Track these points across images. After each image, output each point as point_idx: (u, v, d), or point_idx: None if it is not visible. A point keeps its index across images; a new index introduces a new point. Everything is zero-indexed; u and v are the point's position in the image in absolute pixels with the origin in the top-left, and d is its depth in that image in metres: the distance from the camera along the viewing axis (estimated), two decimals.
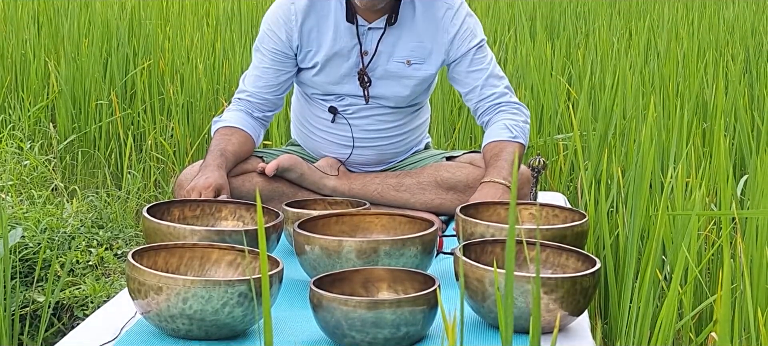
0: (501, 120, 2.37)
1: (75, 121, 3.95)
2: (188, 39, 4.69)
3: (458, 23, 2.40)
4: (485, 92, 2.40)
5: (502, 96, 2.41)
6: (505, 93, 2.42)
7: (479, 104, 2.42)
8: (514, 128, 2.35)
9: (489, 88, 2.40)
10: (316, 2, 2.39)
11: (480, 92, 2.41)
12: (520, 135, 2.35)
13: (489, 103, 2.40)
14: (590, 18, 6.47)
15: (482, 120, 2.44)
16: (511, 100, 2.42)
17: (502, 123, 2.36)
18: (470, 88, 2.42)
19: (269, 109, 2.47)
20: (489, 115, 2.41)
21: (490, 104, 2.40)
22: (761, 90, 3.81)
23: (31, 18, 5.20)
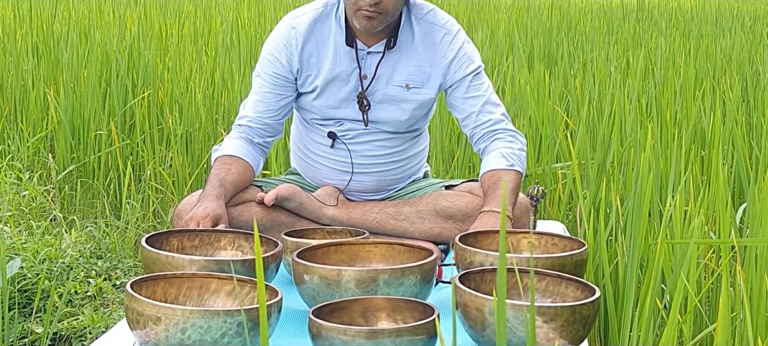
0: (497, 149, 2.37)
1: (74, 152, 3.95)
2: (187, 69, 4.71)
3: (456, 48, 2.42)
4: (481, 118, 2.41)
5: (498, 123, 2.42)
6: (502, 120, 2.43)
7: (475, 130, 2.43)
8: (510, 156, 2.35)
9: (485, 114, 2.41)
10: (316, 27, 2.41)
11: (476, 118, 2.42)
12: (516, 163, 2.36)
13: (485, 130, 2.41)
14: (587, 47, 6.50)
15: (478, 147, 2.44)
16: (507, 127, 2.42)
17: (499, 152, 2.36)
18: (467, 114, 2.43)
19: (270, 135, 2.48)
20: (485, 142, 2.42)
21: (486, 131, 2.41)
22: (758, 118, 3.82)
23: (31, 48, 5.21)
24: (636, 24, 8.81)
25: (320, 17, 2.41)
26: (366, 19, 2.30)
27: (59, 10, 7.56)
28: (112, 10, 8.29)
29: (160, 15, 8.31)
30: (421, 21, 2.42)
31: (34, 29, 5.62)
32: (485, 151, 2.41)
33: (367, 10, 2.28)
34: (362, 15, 2.29)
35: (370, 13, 2.28)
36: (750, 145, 3.54)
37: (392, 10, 2.32)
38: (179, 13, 8.69)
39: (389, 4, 2.29)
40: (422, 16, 2.43)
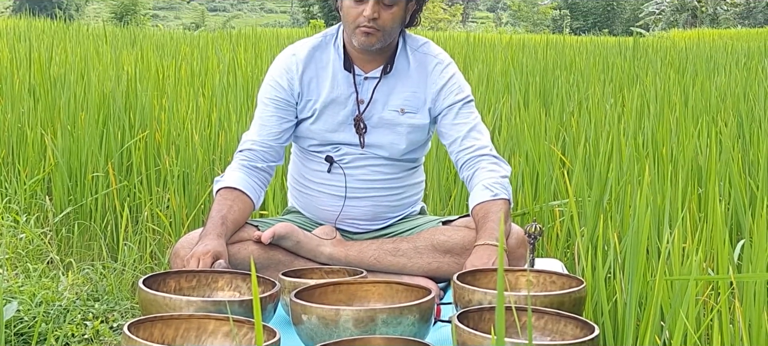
0: (480, 181, 2.42)
1: (71, 194, 3.94)
2: (184, 110, 4.72)
3: (447, 76, 2.51)
4: (466, 143, 2.47)
5: (482, 148, 2.47)
6: (486, 146, 2.49)
7: (460, 155, 2.48)
8: (493, 186, 2.39)
9: (470, 139, 2.48)
10: (315, 54, 2.51)
11: (461, 143, 2.48)
12: (500, 192, 2.39)
13: (469, 155, 2.47)
14: (583, 86, 6.52)
15: (463, 175, 2.49)
16: (490, 153, 2.48)
17: (482, 184, 2.41)
18: (452, 139, 2.50)
19: (272, 159, 2.52)
20: (469, 169, 2.46)
21: (470, 156, 2.47)
22: (755, 155, 3.83)
23: (28, 90, 5.23)
24: (631, 62, 8.85)
25: (320, 46, 2.52)
26: (364, 36, 2.39)
27: (56, 53, 7.60)
28: (109, 52, 8.33)
29: (157, 57, 8.35)
30: (416, 52, 2.52)
31: (31, 72, 5.63)
32: (470, 183, 2.46)
33: (365, 27, 2.38)
34: (361, 31, 2.39)
35: (368, 29, 2.38)
36: (747, 181, 3.54)
37: (389, 28, 2.41)
38: (176, 54, 8.73)
39: (386, 21, 2.39)
40: (417, 47, 2.53)
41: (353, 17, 2.40)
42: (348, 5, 2.40)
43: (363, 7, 2.38)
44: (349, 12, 2.40)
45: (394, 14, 2.41)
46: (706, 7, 36.41)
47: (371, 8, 2.36)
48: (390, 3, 2.39)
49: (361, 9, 2.38)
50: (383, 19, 2.39)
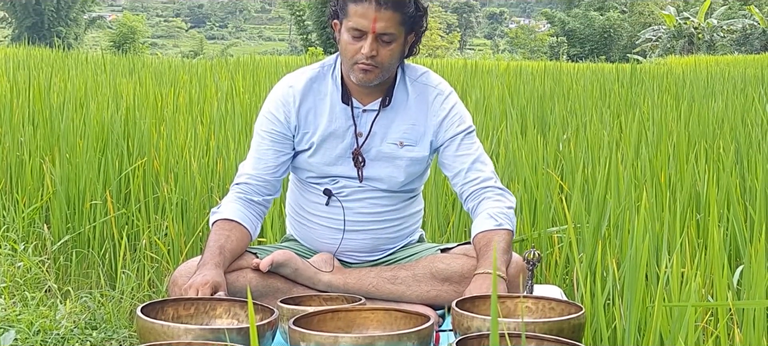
0: (485, 210, 2.40)
1: (69, 222, 3.94)
2: (182, 138, 4.72)
3: (448, 108, 2.48)
4: (470, 176, 2.45)
5: (486, 180, 2.45)
6: (491, 178, 2.46)
7: (464, 187, 2.46)
8: (498, 216, 2.38)
9: (474, 172, 2.45)
10: (313, 86, 2.47)
11: (465, 175, 2.46)
12: (505, 222, 2.38)
13: (474, 187, 2.45)
14: (580, 112, 6.54)
15: (468, 206, 2.47)
16: (495, 185, 2.46)
17: (486, 213, 2.39)
18: (456, 171, 2.47)
19: (268, 193, 2.50)
20: (474, 200, 2.44)
21: (475, 188, 2.45)
22: (752, 180, 3.83)
23: (27, 118, 5.23)
24: (628, 88, 8.88)
25: (317, 77, 2.48)
26: (363, 73, 2.36)
27: (55, 81, 7.61)
28: (107, 80, 8.35)
29: (156, 85, 8.37)
30: (415, 82, 2.49)
31: (30, 100, 5.64)
32: (474, 212, 2.44)
33: (363, 64, 2.34)
34: (359, 68, 2.36)
35: (366, 66, 2.35)
36: (745, 207, 3.54)
37: (387, 65, 2.38)
38: (174, 82, 8.75)
39: (385, 57, 2.36)
40: (416, 77, 2.49)
41: (351, 54, 2.36)
42: (346, 41, 2.37)
43: (361, 44, 2.34)
44: (348, 48, 2.37)
45: (393, 50, 2.37)
46: (703, 34, 36.55)
47: (370, 46, 2.33)
48: (389, 40, 2.35)
49: (359, 46, 2.34)
50: (382, 55, 2.35)
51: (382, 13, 2.32)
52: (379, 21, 2.32)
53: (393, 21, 2.34)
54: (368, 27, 2.32)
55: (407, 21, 2.37)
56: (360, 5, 2.33)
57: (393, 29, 2.35)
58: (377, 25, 2.32)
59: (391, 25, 2.34)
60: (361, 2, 2.33)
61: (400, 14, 2.35)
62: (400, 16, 2.35)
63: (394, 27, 2.35)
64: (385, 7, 2.32)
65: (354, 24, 2.34)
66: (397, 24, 2.35)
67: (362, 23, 2.32)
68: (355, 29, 2.34)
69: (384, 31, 2.33)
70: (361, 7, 2.32)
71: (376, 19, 2.32)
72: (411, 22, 2.39)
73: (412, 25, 2.40)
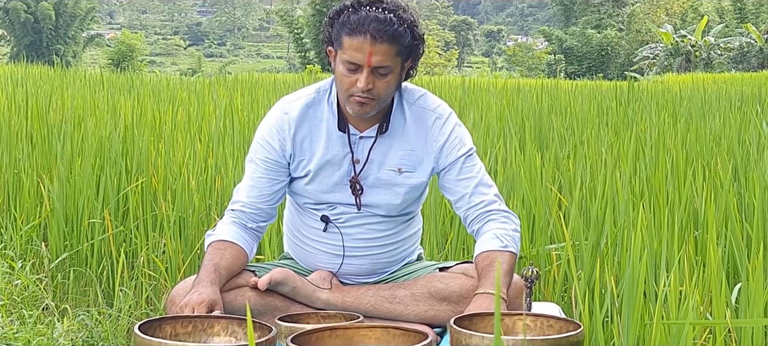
0: (491, 230, 2.37)
1: (67, 239, 3.94)
2: (180, 155, 4.72)
3: (447, 132, 2.44)
4: (474, 200, 2.42)
5: (491, 203, 2.42)
6: (495, 201, 2.43)
7: (469, 212, 2.43)
8: (504, 237, 2.35)
9: (478, 195, 2.42)
10: (308, 112, 2.43)
11: (469, 200, 2.42)
12: (510, 244, 2.35)
13: (479, 211, 2.42)
14: (578, 130, 6.55)
15: (472, 229, 2.45)
16: (500, 208, 2.43)
17: (492, 233, 2.36)
18: (460, 196, 2.44)
19: (263, 220, 2.47)
20: (479, 223, 2.42)
21: (479, 212, 2.42)
22: (750, 198, 3.84)
23: (25, 137, 5.23)
24: (626, 106, 8.89)
25: (313, 102, 2.44)
26: (359, 105, 2.32)
27: (54, 99, 7.62)
28: (106, 98, 8.36)
29: (154, 102, 8.37)
30: (413, 106, 2.45)
31: (29, 118, 5.65)
32: (479, 233, 2.41)
33: (359, 97, 2.30)
34: (355, 101, 2.31)
35: (362, 99, 2.30)
36: (742, 224, 3.55)
37: (384, 96, 2.34)
38: (173, 100, 8.76)
39: (381, 89, 2.31)
40: (414, 101, 2.45)
41: (347, 86, 2.31)
42: (341, 72, 2.31)
43: (357, 77, 2.28)
44: (343, 80, 2.31)
45: (389, 82, 2.32)
46: (700, 51, 36.64)
47: (365, 80, 2.27)
48: (385, 73, 2.29)
49: (354, 79, 2.29)
50: (378, 88, 2.30)
51: (378, 46, 2.26)
52: (374, 55, 2.27)
53: (389, 54, 2.28)
54: (363, 61, 2.27)
55: (403, 51, 2.32)
56: (355, 38, 2.27)
57: (389, 62, 2.29)
58: (373, 59, 2.27)
59: (387, 59, 2.29)
60: (356, 35, 2.26)
61: (397, 46, 2.29)
62: (396, 48, 2.29)
63: (390, 60, 2.29)
64: (380, 41, 2.26)
65: (349, 57, 2.28)
66: (393, 56, 2.30)
67: (357, 57, 2.27)
68: (350, 62, 2.28)
69: (380, 64, 2.28)
70: (356, 41, 2.27)
71: (372, 53, 2.26)
72: (407, 52, 2.34)
73: (408, 54, 2.35)
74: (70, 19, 55.37)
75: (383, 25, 2.26)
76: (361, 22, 2.26)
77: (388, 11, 2.29)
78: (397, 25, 2.28)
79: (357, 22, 2.27)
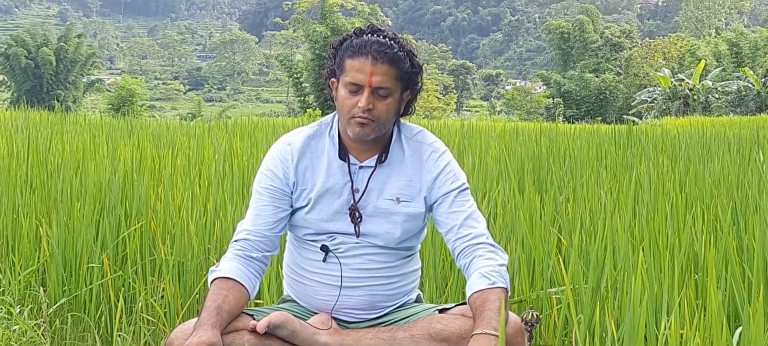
0: (477, 269, 2.42)
1: (65, 285, 3.93)
2: (180, 199, 4.72)
3: (442, 165, 2.53)
4: (462, 232, 2.48)
5: (479, 237, 2.48)
6: (483, 234, 2.49)
7: (456, 243, 2.48)
8: (490, 275, 2.39)
9: (466, 228, 2.48)
10: (310, 143, 2.52)
11: (458, 231, 2.48)
12: (498, 280, 2.39)
13: (466, 244, 2.47)
14: (577, 173, 6.56)
15: (460, 263, 2.49)
16: (487, 241, 2.48)
17: (479, 272, 2.40)
18: (449, 227, 2.50)
19: (267, 249, 2.52)
20: (466, 258, 2.46)
21: (467, 245, 2.47)
22: (750, 241, 3.83)
23: (25, 182, 5.24)
24: (625, 149, 8.91)
25: (315, 135, 2.54)
26: (359, 126, 2.41)
27: (54, 144, 7.64)
28: (106, 142, 8.38)
29: (154, 147, 8.39)
30: (411, 140, 2.54)
31: (28, 163, 5.65)
32: (467, 270, 2.46)
33: (360, 117, 2.40)
34: (356, 122, 2.41)
35: (363, 119, 2.40)
36: (742, 267, 3.54)
37: (383, 119, 2.43)
38: (172, 144, 8.78)
39: (381, 111, 2.41)
40: (411, 136, 2.55)
41: (348, 108, 2.42)
42: (343, 96, 2.43)
43: (358, 98, 2.40)
44: (344, 102, 2.43)
45: (389, 105, 2.43)
46: (698, 95, 36.81)
47: (366, 99, 2.39)
48: (385, 94, 2.41)
49: (356, 100, 2.41)
50: (378, 109, 2.41)
51: (379, 67, 2.39)
52: (375, 75, 2.39)
53: (389, 75, 2.41)
54: (365, 81, 2.39)
55: (403, 77, 2.44)
56: (357, 60, 2.40)
57: (389, 83, 2.41)
58: (374, 78, 2.39)
59: (387, 80, 2.41)
60: (358, 57, 2.40)
61: (396, 69, 2.42)
62: (396, 71, 2.42)
63: (390, 81, 2.42)
64: (381, 62, 2.39)
65: (351, 78, 2.41)
66: (393, 79, 2.42)
67: (359, 77, 2.40)
68: (351, 83, 2.41)
69: (380, 85, 2.40)
70: (358, 62, 2.40)
71: (373, 72, 2.39)
72: (406, 79, 2.46)
73: (407, 82, 2.47)
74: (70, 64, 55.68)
75: (384, 47, 2.40)
76: (363, 44, 2.41)
77: (388, 38, 2.43)
78: (397, 49, 2.42)
79: (359, 45, 2.41)
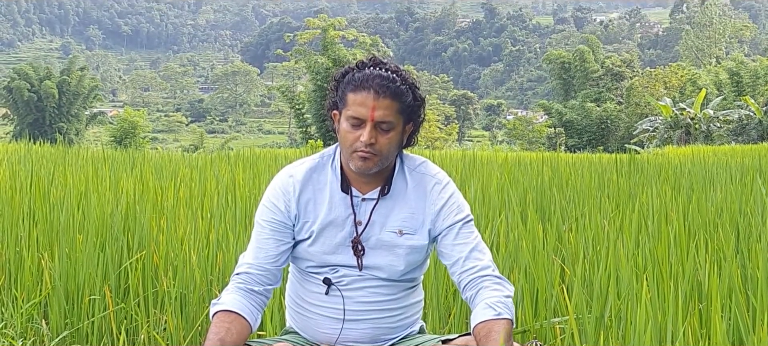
0: (483, 299, 2.40)
1: (68, 317, 3.92)
2: (182, 231, 4.72)
3: (446, 197, 2.50)
4: (468, 264, 2.46)
5: (484, 269, 2.45)
6: (488, 266, 2.47)
7: (462, 276, 2.46)
8: (496, 306, 2.37)
9: (472, 260, 2.46)
10: (312, 175, 2.50)
11: (463, 264, 2.46)
12: (504, 311, 2.37)
13: (472, 276, 2.45)
14: (580, 202, 6.55)
15: (466, 295, 2.47)
16: (493, 273, 2.46)
17: (485, 303, 2.38)
18: (454, 260, 2.48)
19: (269, 282, 2.50)
20: (472, 289, 2.44)
21: (472, 277, 2.45)
22: (753, 270, 3.82)
23: (28, 214, 5.24)
24: (627, 178, 8.91)
25: (317, 167, 2.52)
26: (362, 160, 2.39)
27: (56, 176, 7.64)
28: (108, 174, 8.38)
29: (156, 178, 8.39)
30: (414, 172, 2.52)
31: (30, 195, 5.66)
32: (473, 302, 2.43)
33: (362, 152, 2.38)
34: (358, 156, 2.39)
35: (365, 153, 2.38)
36: (747, 296, 3.53)
37: (386, 153, 2.41)
38: (175, 176, 8.78)
39: (383, 145, 2.40)
40: (414, 167, 2.53)
41: (351, 142, 2.40)
42: (345, 129, 2.41)
43: (360, 132, 2.38)
44: (347, 136, 2.41)
45: (391, 139, 2.41)
46: (700, 124, 36.85)
47: (368, 134, 2.37)
48: (387, 128, 2.39)
49: (358, 134, 2.39)
50: (380, 143, 2.39)
51: (381, 101, 2.37)
52: (377, 109, 2.37)
53: (391, 109, 2.39)
54: (367, 115, 2.37)
55: (405, 110, 2.42)
56: (359, 94, 2.38)
57: (391, 117, 2.40)
58: (376, 113, 2.37)
59: (390, 114, 2.39)
60: (360, 91, 2.38)
61: (399, 103, 2.40)
62: (398, 104, 2.40)
63: (392, 115, 2.40)
64: (383, 96, 2.37)
65: (353, 113, 2.39)
66: (395, 113, 2.40)
67: (361, 112, 2.37)
68: (354, 118, 2.39)
69: (382, 119, 2.38)
70: (360, 96, 2.38)
71: (375, 107, 2.37)
72: (409, 112, 2.44)
73: (409, 115, 2.45)
74: (73, 97, 55.89)
75: (386, 81, 2.38)
76: (365, 78, 2.39)
77: (390, 71, 2.41)
78: (400, 82, 2.40)
79: (361, 78, 2.39)
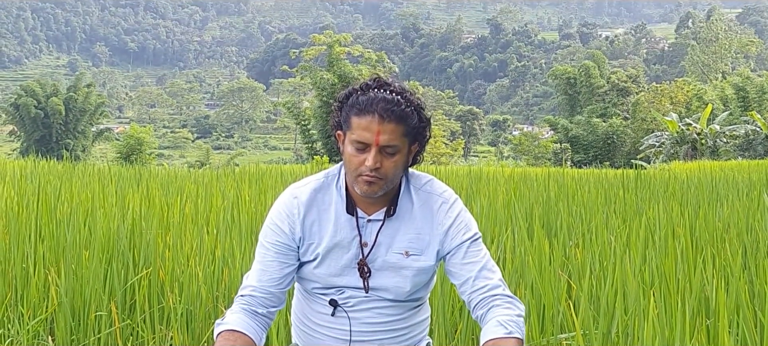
0: (494, 317, 2.37)
1: (74, 333, 3.91)
2: (188, 247, 4.72)
3: (453, 216, 2.46)
4: (478, 284, 2.42)
5: (495, 288, 2.42)
6: (499, 285, 2.43)
7: (472, 296, 2.43)
8: (508, 324, 2.35)
9: (482, 279, 2.42)
10: (317, 196, 2.46)
11: (473, 283, 2.43)
12: (515, 330, 2.35)
13: (482, 296, 2.42)
14: (586, 217, 6.54)
15: (476, 314, 2.44)
16: (504, 292, 2.43)
17: (496, 320, 2.36)
18: (464, 279, 2.44)
19: (273, 305, 2.47)
20: (483, 308, 2.41)
21: (483, 296, 2.42)
22: (761, 285, 3.80)
23: (34, 231, 5.24)
24: (633, 193, 8.89)
25: (321, 187, 2.48)
26: (367, 185, 2.35)
27: (63, 193, 7.65)
28: (114, 191, 8.39)
29: (162, 195, 8.40)
30: (420, 191, 2.48)
31: (37, 212, 5.66)
32: (483, 320, 2.40)
33: (367, 176, 2.34)
34: (363, 180, 2.35)
35: (370, 178, 2.34)
36: (754, 312, 3.51)
37: (391, 176, 2.37)
38: (181, 192, 8.79)
39: (389, 169, 2.35)
40: (420, 186, 2.49)
41: (355, 166, 2.36)
42: (350, 153, 2.37)
43: (365, 156, 2.34)
44: (352, 160, 2.37)
45: (397, 162, 2.37)
46: (706, 139, 36.79)
47: (373, 158, 2.33)
48: (392, 152, 2.35)
49: (363, 158, 2.35)
50: (385, 167, 2.35)
51: (385, 125, 2.32)
52: (382, 134, 2.33)
53: (396, 133, 2.34)
54: (371, 140, 2.33)
55: (410, 132, 2.38)
56: (363, 118, 2.33)
57: (396, 141, 2.35)
58: (381, 137, 2.33)
59: (395, 138, 2.34)
60: (365, 115, 2.33)
61: (404, 126, 2.35)
62: (403, 128, 2.35)
63: (397, 139, 2.35)
64: (388, 120, 2.32)
65: (357, 137, 2.34)
66: (400, 136, 2.36)
67: (365, 136, 2.33)
68: (358, 142, 2.34)
69: (387, 143, 2.34)
70: (365, 120, 2.33)
71: (380, 132, 2.32)
72: (414, 133, 2.39)
73: (415, 136, 2.40)
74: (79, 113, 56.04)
75: (391, 105, 2.32)
76: (369, 102, 2.33)
77: (395, 93, 2.35)
78: (405, 105, 2.34)
79: (365, 102, 2.33)
